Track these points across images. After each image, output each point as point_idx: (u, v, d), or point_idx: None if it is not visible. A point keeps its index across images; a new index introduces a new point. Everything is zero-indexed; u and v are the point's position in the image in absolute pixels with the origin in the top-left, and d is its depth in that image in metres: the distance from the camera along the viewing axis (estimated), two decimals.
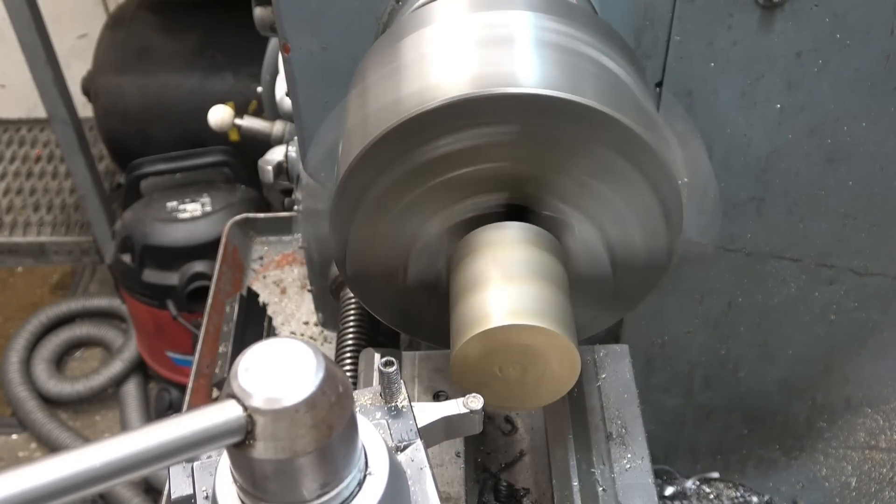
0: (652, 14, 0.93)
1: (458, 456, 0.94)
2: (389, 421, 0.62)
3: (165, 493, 1.15)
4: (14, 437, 2.89)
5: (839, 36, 0.93)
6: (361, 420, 0.55)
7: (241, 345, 1.40)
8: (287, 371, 0.47)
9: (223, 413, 0.46)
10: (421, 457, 0.60)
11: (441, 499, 0.58)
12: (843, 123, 1.00)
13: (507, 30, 0.76)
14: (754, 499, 1.35)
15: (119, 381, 2.90)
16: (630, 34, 0.94)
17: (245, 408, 0.46)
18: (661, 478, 1.36)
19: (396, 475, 0.56)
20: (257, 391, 0.46)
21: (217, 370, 1.35)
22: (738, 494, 1.36)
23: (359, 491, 0.53)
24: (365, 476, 0.54)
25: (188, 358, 2.56)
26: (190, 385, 1.33)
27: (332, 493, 0.51)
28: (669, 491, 1.35)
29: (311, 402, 0.46)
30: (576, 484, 0.89)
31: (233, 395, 0.47)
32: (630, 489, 0.89)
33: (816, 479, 1.31)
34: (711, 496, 1.36)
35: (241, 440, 0.47)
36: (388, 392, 0.64)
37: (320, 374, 0.47)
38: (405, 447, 0.61)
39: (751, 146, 1.02)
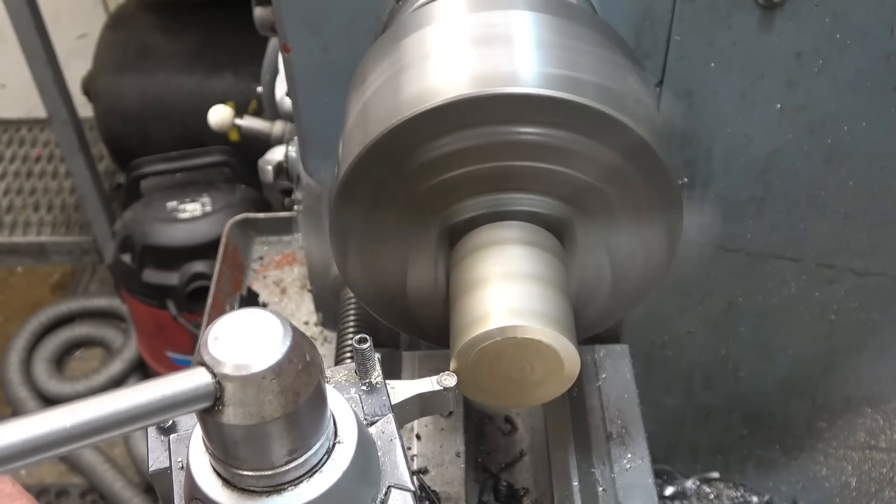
0: (652, 14, 0.93)
1: (458, 456, 0.94)
2: (363, 396, 0.64)
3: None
4: None
5: (839, 36, 0.93)
6: (332, 392, 0.56)
7: None
8: (255, 340, 0.49)
9: (193, 379, 0.48)
10: (391, 429, 0.62)
11: (410, 469, 0.60)
12: (843, 123, 1.00)
13: (507, 30, 0.76)
14: (754, 499, 1.35)
15: (119, 381, 2.90)
16: (630, 34, 0.94)
17: (214, 374, 0.48)
18: (661, 478, 1.35)
19: (365, 444, 0.57)
20: (226, 358, 0.48)
21: None
22: (738, 494, 1.36)
23: (328, 459, 0.54)
24: (334, 444, 0.55)
25: (188, 358, 2.56)
26: None
27: (301, 460, 0.52)
28: (669, 491, 1.35)
29: (277, 370, 0.48)
30: (576, 484, 0.89)
31: (202, 363, 0.49)
32: (630, 489, 0.89)
33: (816, 479, 1.31)
34: (711, 496, 1.36)
35: (210, 405, 0.49)
36: (362, 369, 0.65)
37: (287, 343, 0.49)
38: (377, 420, 0.62)
39: (751, 146, 1.02)
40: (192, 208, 2.50)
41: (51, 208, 3.54)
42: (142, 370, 2.91)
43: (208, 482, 0.54)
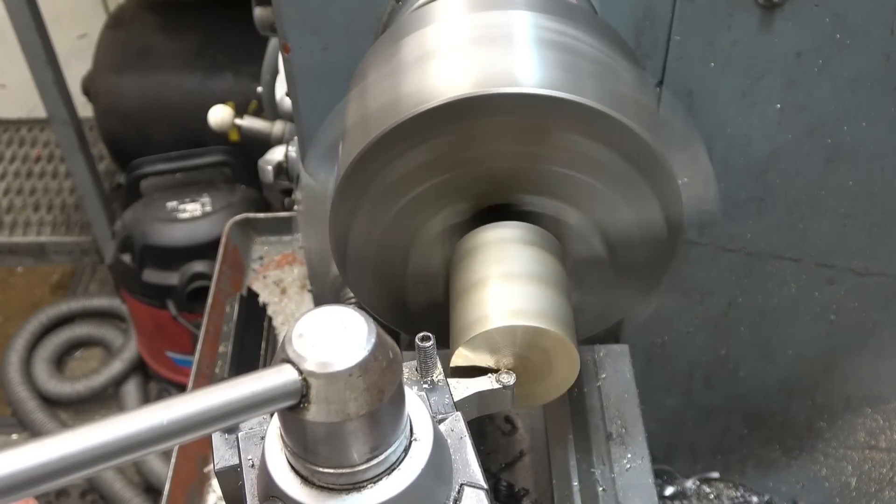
0: (652, 14, 0.93)
1: None
2: (427, 394, 0.64)
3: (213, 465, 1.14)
4: (14, 437, 2.89)
5: (839, 36, 0.93)
6: (406, 389, 0.56)
7: (240, 345, 1.40)
8: (340, 336, 0.49)
9: (279, 377, 0.48)
10: (461, 427, 0.61)
11: (481, 467, 0.59)
12: (843, 123, 1.00)
13: (507, 30, 0.76)
14: (754, 499, 1.35)
15: (119, 381, 2.90)
16: (630, 34, 0.94)
17: (300, 371, 0.48)
18: (661, 478, 1.36)
19: (439, 443, 0.57)
20: (312, 355, 0.48)
21: (217, 370, 1.35)
22: (738, 494, 1.36)
23: (405, 457, 0.54)
24: (411, 442, 0.55)
25: (188, 358, 2.56)
26: (190, 385, 1.33)
27: (381, 458, 0.52)
28: (669, 491, 1.35)
29: (363, 367, 0.48)
30: (576, 484, 0.90)
31: (288, 360, 0.48)
32: (630, 489, 0.89)
33: (816, 479, 1.31)
34: (711, 496, 1.36)
35: (295, 403, 0.48)
36: (424, 367, 0.65)
37: (372, 340, 0.49)
38: (444, 418, 0.62)
39: (751, 146, 1.02)
40: (192, 208, 2.50)
41: (51, 208, 3.54)
42: (142, 370, 2.91)
43: (286, 480, 0.53)
